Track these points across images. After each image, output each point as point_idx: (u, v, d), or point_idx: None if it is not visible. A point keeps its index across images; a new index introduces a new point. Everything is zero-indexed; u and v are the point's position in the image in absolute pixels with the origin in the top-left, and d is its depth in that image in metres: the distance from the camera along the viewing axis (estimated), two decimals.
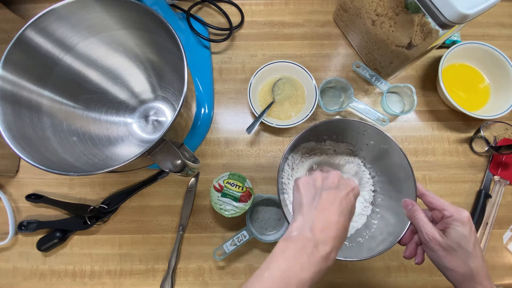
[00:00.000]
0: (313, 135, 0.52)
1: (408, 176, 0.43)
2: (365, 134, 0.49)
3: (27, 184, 0.58)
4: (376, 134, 0.47)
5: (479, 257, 0.34)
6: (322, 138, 0.53)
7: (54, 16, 0.40)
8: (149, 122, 0.56)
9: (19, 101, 0.41)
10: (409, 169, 0.43)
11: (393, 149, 0.46)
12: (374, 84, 0.59)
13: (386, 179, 0.50)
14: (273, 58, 0.63)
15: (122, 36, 0.47)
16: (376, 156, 0.51)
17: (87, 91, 0.50)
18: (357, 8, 0.55)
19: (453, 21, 0.39)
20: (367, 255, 0.41)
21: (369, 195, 0.52)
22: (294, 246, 0.30)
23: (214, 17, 0.66)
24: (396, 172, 0.47)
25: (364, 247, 0.45)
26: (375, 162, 0.52)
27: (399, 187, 0.46)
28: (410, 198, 0.41)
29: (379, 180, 0.52)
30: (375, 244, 0.44)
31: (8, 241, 0.54)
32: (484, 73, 0.61)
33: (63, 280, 0.54)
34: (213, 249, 0.52)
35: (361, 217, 0.51)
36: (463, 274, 0.34)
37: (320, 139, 0.54)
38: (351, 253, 0.45)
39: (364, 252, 0.44)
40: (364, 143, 0.51)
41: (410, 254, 0.40)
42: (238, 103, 0.61)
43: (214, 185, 0.51)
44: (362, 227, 0.50)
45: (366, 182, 0.53)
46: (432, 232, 0.36)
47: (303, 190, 0.35)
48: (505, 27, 0.65)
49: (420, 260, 0.39)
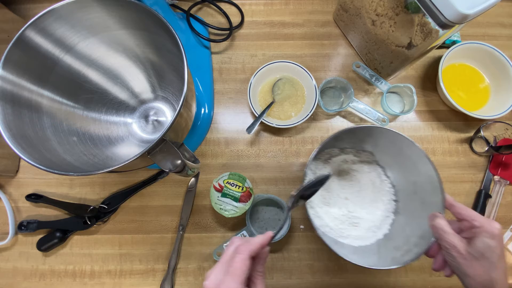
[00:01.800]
0: (337, 141, 0.51)
1: (434, 187, 0.42)
2: (388, 142, 0.48)
3: (27, 184, 0.58)
4: (400, 142, 0.46)
5: (502, 270, 0.34)
6: (343, 145, 0.53)
7: (54, 16, 0.40)
8: (149, 122, 0.56)
9: (19, 101, 0.41)
10: (436, 179, 0.42)
11: (419, 159, 0.44)
12: (374, 84, 0.59)
13: (409, 189, 0.49)
14: (273, 58, 0.63)
15: (122, 36, 0.47)
16: (400, 164, 0.50)
17: (87, 91, 0.50)
18: (357, 8, 0.55)
19: (453, 21, 0.39)
20: (393, 265, 0.41)
21: (391, 204, 0.52)
22: None
23: (214, 17, 0.66)
24: (421, 183, 0.46)
25: (388, 256, 0.45)
26: (398, 171, 0.51)
27: (424, 197, 0.45)
28: (437, 209, 0.41)
29: (402, 190, 0.51)
30: (400, 254, 0.43)
31: (8, 241, 0.54)
32: (484, 73, 0.61)
33: (63, 280, 0.54)
34: (213, 249, 0.52)
35: (383, 227, 0.50)
36: (482, 282, 0.34)
37: (342, 146, 0.53)
38: (372, 260, 0.45)
39: (388, 261, 0.43)
40: (386, 151, 0.51)
41: (440, 267, 0.39)
42: (238, 103, 0.61)
43: (214, 185, 0.51)
44: (384, 237, 0.49)
45: (387, 191, 0.52)
46: (452, 240, 0.36)
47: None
48: (505, 27, 0.65)
49: (450, 273, 0.38)
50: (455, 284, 0.53)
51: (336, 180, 0.54)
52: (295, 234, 0.55)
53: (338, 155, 0.54)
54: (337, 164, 0.55)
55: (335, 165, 0.55)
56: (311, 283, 0.54)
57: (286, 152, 0.59)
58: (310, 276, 0.54)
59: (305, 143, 0.59)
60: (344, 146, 0.54)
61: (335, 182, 0.54)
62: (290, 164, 0.58)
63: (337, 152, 0.54)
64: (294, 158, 0.58)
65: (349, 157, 0.54)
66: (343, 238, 0.49)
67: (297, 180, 0.58)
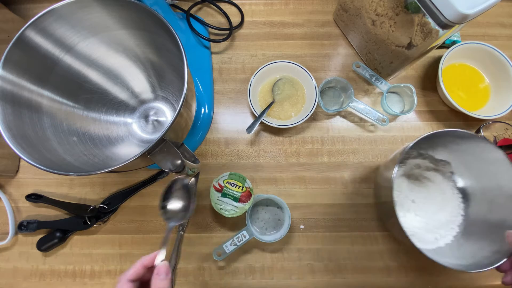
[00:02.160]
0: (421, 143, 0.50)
1: None
2: (469, 151, 0.48)
3: (27, 184, 0.58)
4: (484, 152, 0.46)
5: None
6: (423, 149, 0.53)
7: (54, 16, 0.40)
8: (149, 122, 0.56)
9: (19, 101, 0.40)
10: None
11: (505, 174, 0.44)
12: (374, 84, 0.59)
13: (484, 207, 0.50)
14: (273, 58, 0.63)
15: (122, 36, 0.47)
16: (477, 176, 0.50)
17: (87, 91, 0.50)
18: (357, 8, 0.55)
19: (453, 21, 0.39)
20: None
21: (457, 218, 0.52)
22: None
23: (214, 17, 0.66)
24: (502, 200, 0.45)
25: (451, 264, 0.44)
26: (474, 186, 0.51)
27: (501, 215, 0.45)
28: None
29: (474, 205, 0.51)
30: (465, 262, 0.44)
31: (8, 241, 0.54)
32: (484, 73, 0.61)
33: (63, 280, 0.54)
34: (213, 249, 0.52)
35: (446, 236, 0.51)
36: None
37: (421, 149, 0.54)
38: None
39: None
40: (466, 164, 0.51)
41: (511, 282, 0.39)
42: (238, 103, 0.61)
43: (214, 185, 0.51)
44: (446, 246, 0.50)
45: (456, 205, 0.52)
46: None
47: None
48: (505, 27, 0.65)
49: None
50: (455, 284, 0.53)
51: (406, 181, 0.54)
52: (295, 234, 0.55)
53: (415, 157, 0.54)
54: (410, 167, 0.55)
55: (408, 168, 0.55)
56: (311, 283, 0.54)
57: (286, 152, 0.59)
58: (310, 276, 0.54)
59: (305, 143, 0.59)
60: (421, 153, 0.54)
61: (405, 183, 0.54)
62: (290, 164, 0.58)
63: (415, 155, 0.54)
64: (294, 158, 0.58)
65: (424, 163, 0.54)
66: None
67: (297, 180, 0.58)
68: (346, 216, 0.56)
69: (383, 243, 0.55)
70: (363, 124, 0.60)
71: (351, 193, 0.57)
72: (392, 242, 0.55)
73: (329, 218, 0.56)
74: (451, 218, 0.52)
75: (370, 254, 0.54)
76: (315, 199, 0.57)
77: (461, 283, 0.53)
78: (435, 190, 0.54)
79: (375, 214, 0.56)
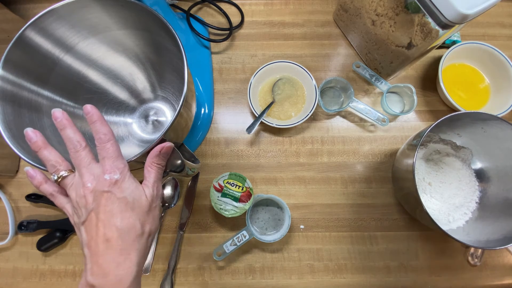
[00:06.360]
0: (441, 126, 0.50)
1: None
2: (492, 135, 0.48)
3: (27, 184, 0.58)
4: (508, 136, 0.46)
5: None
6: (445, 133, 0.54)
7: (54, 16, 0.40)
8: (149, 122, 0.56)
9: (19, 101, 0.41)
10: None
11: None
12: (374, 84, 0.59)
13: (502, 192, 0.50)
14: (273, 58, 0.63)
15: (122, 36, 0.47)
16: (497, 160, 0.51)
17: (87, 91, 0.50)
18: (357, 8, 0.55)
19: (453, 21, 0.39)
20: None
21: (472, 203, 0.52)
22: None
23: (214, 17, 0.66)
24: None
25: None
26: (493, 169, 0.52)
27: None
28: None
29: (492, 189, 0.52)
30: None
31: (8, 241, 0.54)
32: (484, 73, 0.61)
33: (63, 280, 0.54)
34: (213, 249, 0.52)
35: (458, 220, 0.51)
36: None
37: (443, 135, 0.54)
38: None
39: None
40: (487, 146, 0.51)
41: None
42: (238, 103, 0.61)
43: (214, 185, 0.51)
44: (458, 229, 0.51)
45: (473, 192, 0.53)
46: None
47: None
48: (505, 27, 0.65)
49: None
50: (455, 284, 0.53)
51: (424, 164, 0.55)
52: (295, 234, 0.55)
53: (437, 142, 0.55)
54: (430, 152, 0.55)
55: (428, 152, 0.55)
56: (311, 283, 0.54)
57: (286, 152, 0.59)
58: (310, 276, 0.54)
59: (305, 143, 0.59)
60: (445, 135, 0.54)
61: (422, 165, 0.55)
62: (290, 164, 0.58)
63: (437, 139, 0.55)
64: (294, 158, 0.58)
65: (445, 149, 0.55)
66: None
67: (297, 180, 0.58)
68: (346, 216, 0.56)
69: (383, 243, 0.55)
70: (363, 124, 0.60)
71: (351, 193, 0.57)
72: (392, 242, 0.55)
73: (329, 218, 0.56)
74: (465, 203, 0.52)
75: (370, 254, 0.54)
76: (315, 199, 0.57)
77: (461, 283, 0.53)
78: (453, 175, 0.54)
79: (375, 214, 0.56)
